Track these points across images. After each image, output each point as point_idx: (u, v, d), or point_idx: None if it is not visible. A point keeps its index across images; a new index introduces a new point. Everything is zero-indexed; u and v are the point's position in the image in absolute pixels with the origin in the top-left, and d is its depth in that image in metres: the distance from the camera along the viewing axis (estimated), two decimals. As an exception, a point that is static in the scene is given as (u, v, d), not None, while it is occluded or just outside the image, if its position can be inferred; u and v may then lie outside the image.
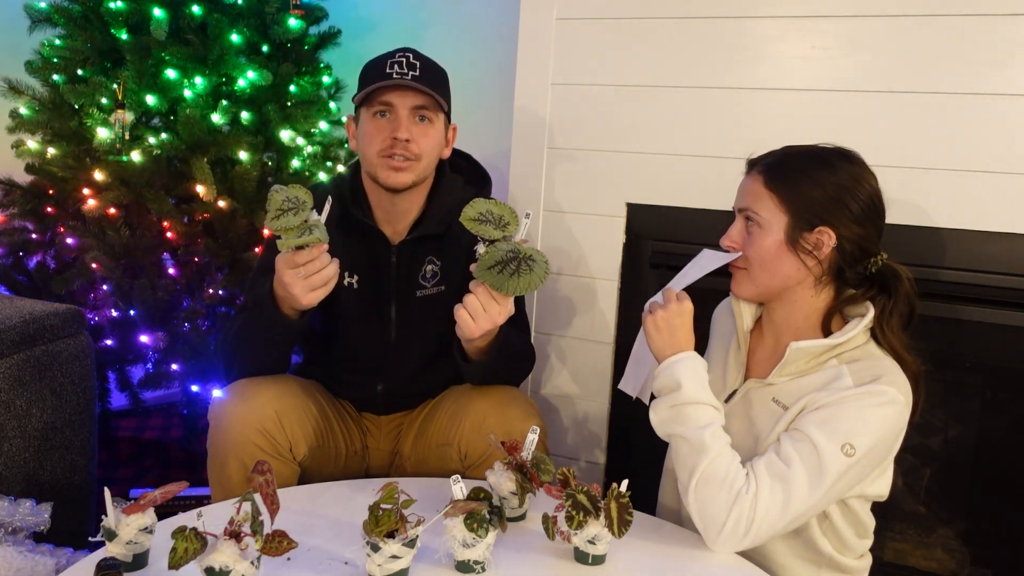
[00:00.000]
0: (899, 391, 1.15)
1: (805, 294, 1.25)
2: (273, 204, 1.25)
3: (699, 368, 1.22)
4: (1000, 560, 1.71)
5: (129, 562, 1.05)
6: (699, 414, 1.19)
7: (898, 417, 1.16)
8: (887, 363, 1.19)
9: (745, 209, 1.25)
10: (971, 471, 1.75)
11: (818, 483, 1.12)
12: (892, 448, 1.20)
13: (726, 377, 1.34)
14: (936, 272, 1.57)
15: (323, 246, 1.27)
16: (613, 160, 1.83)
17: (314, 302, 1.31)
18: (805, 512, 1.15)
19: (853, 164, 1.23)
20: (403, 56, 1.43)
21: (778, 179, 1.22)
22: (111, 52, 2.09)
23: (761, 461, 1.16)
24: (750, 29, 1.67)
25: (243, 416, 1.38)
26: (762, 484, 1.13)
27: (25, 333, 1.62)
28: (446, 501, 1.10)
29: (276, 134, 2.14)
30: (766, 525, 1.13)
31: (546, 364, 1.97)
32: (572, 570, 1.12)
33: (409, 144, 1.42)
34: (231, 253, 2.07)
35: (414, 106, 1.43)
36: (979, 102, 1.51)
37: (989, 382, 1.70)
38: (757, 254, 1.24)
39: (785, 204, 1.21)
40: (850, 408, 1.14)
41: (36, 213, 2.12)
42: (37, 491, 1.63)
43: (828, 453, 1.12)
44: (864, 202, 1.21)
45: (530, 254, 1.24)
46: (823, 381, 1.19)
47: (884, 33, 1.56)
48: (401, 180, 1.44)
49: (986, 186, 1.52)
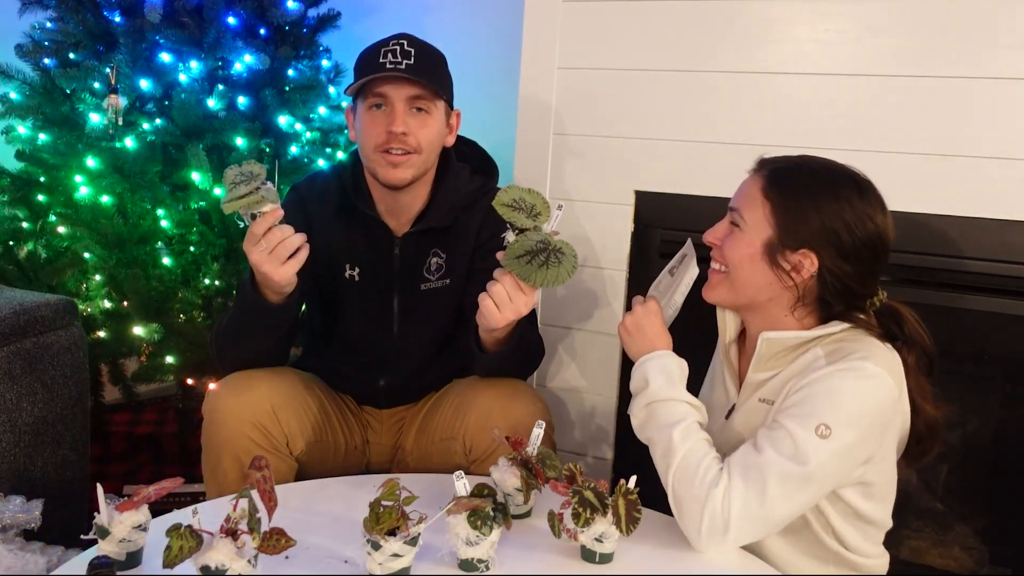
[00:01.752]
0: (877, 364, 1.10)
1: (780, 313, 1.20)
2: (227, 180, 1.26)
3: (670, 365, 1.21)
4: (1020, 558, 1.69)
5: (122, 561, 1.04)
6: (669, 411, 1.18)
7: (877, 391, 1.10)
8: (868, 341, 1.15)
9: (734, 210, 1.22)
10: (990, 467, 1.74)
11: (797, 471, 1.07)
12: (881, 430, 1.13)
13: (727, 391, 1.32)
14: (957, 262, 1.55)
15: (277, 212, 1.26)
16: (621, 146, 1.80)
17: (287, 275, 1.28)
18: (792, 504, 1.10)
19: (862, 198, 1.16)
20: (396, 44, 1.39)
21: (778, 191, 1.17)
22: (104, 35, 2.07)
23: (736, 454, 1.12)
24: (762, 11, 1.64)
25: (238, 410, 1.36)
26: (735, 478, 1.09)
27: (15, 325, 1.61)
28: (449, 498, 1.09)
29: (274, 119, 2.13)
30: (747, 520, 1.09)
31: (552, 356, 1.95)
32: (579, 569, 1.11)
33: (406, 137, 1.39)
34: (227, 242, 2.06)
35: (409, 96, 1.39)
36: (1000, 86, 1.48)
37: (1009, 375, 1.68)
38: (731, 255, 1.21)
39: (774, 217, 1.17)
40: (821, 387, 1.10)
41: (27, 201, 2.10)
42: (28, 487, 1.61)
43: (802, 438, 1.07)
44: (860, 240, 1.14)
45: (560, 247, 1.22)
46: (801, 368, 1.16)
47: (901, 15, 1.53)
48: (400, 176, 1.41)
49: (1005, 173, 1.49)
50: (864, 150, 1.56)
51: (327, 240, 1.50)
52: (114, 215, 2.00)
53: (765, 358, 1.21)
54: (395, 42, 1.40)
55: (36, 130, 2.08)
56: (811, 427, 1.07)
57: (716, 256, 1.25)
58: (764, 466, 1.08)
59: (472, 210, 1.51)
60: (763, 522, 1.10)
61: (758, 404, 1.21)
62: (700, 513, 1.10)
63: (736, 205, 1.22)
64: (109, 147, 2.00)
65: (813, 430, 1.07)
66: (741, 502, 1.08)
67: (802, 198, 1.16)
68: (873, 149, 1.56)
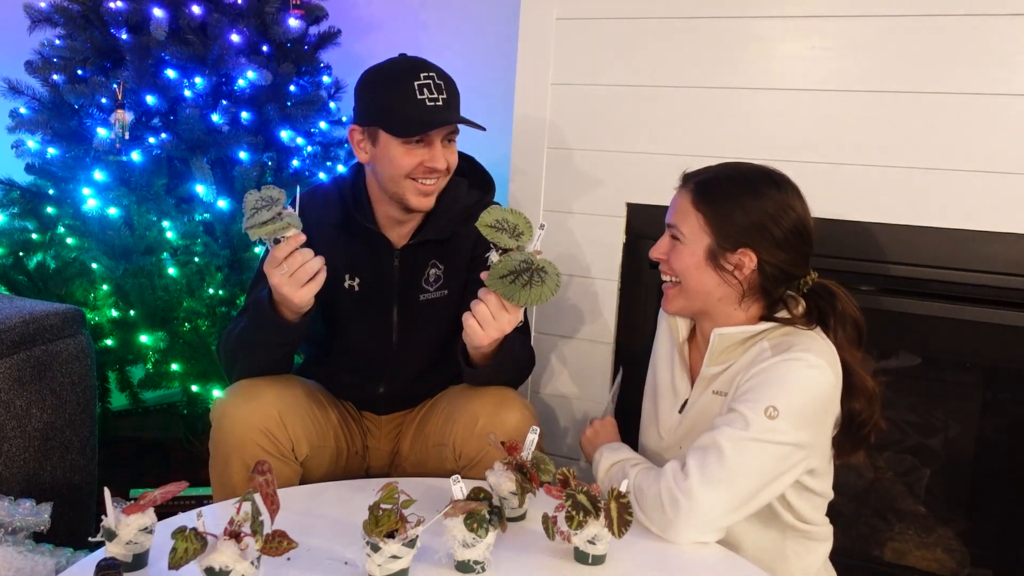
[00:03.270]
0: (817, 356, 1.18)
1: (729, 308, 1.29)
2: (248, 206, 1.27)
3: (616, 447, 1.37)
4: (1000, 560, 1.71)
5: (129, 562, 1.05)
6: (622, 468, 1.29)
7: (820, 381, 1.19)
8: (808, 335, 1.23)
9: (672, 226, 1.30)
10: (971, 471, 1.75)
11: (746, 442, 1.15)
12: (822, 415, 1.22)
13: (675, 388, 1.39)
14: (937, 272, 1.57)
15: (299, 237, 1.28)
16: (613, 160, 1.83)
17: (306, 298, 1.31)
18: (755, 487, 1.16)
19: (780, 191, 1.26)
20: (428, 78, 1.39)
21: (705, 201, 1.26)
22: (111, 52, 2.08)
23: (696, 444, 1.19)
24: (749, 29, 1.67)
25: (246, 417, 1.38)
26: (690, 457, 1.17)
27: (25, 333, 1.62)
28: (445, 501, 1.10)
29: (276, 134, 2.14)
30: (712, 483, 1.14)
31: (546, 365, 1.97)
32: (572, 570, 1.12)
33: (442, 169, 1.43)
34: (231, 253, 2.06)
35: (447, 133, 1.43)
36: (979, 102, 1.51)
37: (989, 382, 1.70)
38: (678, 266, 1.29)
39: (709, 225, 1.26)
40: (769, 374, 1.18)
41: (36, 213, 2.11)
42: (37, 491, 1.63)
43: (751, 416, 1.15)
44: (787, 229, 1.24)
45: (543, 266, 1.24)
46: (749, 360, 1.24)
47: (885, 33, 1.56)
48: (431, 203, 1.45)
49: (986, 186, 1.52)
50: (848, 163, 1.60)
51: (327, 250, 1.49)
52: (121, 227, 2.00)
53: (717, 352, 1.29)
54: (425, 75, 1.39)
55: (45, 144, 2.09)
56: (760, 408, 1.16)
57: (665, 270, 1.33)
58: (718, 437, 1.16)
59: (470, 223, 1.53)
60: (729, 484, 1.15)
61: (712, 396, 1.29)
62: (657, 494, 1.17)
63: (673, 221, 1.30)
64: (116, 161, 2.01)
65: (763, 412, 1.16)
66: (698, 468, 1.15)
67: (728, 203, 1.25)
68: (857, 163, 1.60)
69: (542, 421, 1.95)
